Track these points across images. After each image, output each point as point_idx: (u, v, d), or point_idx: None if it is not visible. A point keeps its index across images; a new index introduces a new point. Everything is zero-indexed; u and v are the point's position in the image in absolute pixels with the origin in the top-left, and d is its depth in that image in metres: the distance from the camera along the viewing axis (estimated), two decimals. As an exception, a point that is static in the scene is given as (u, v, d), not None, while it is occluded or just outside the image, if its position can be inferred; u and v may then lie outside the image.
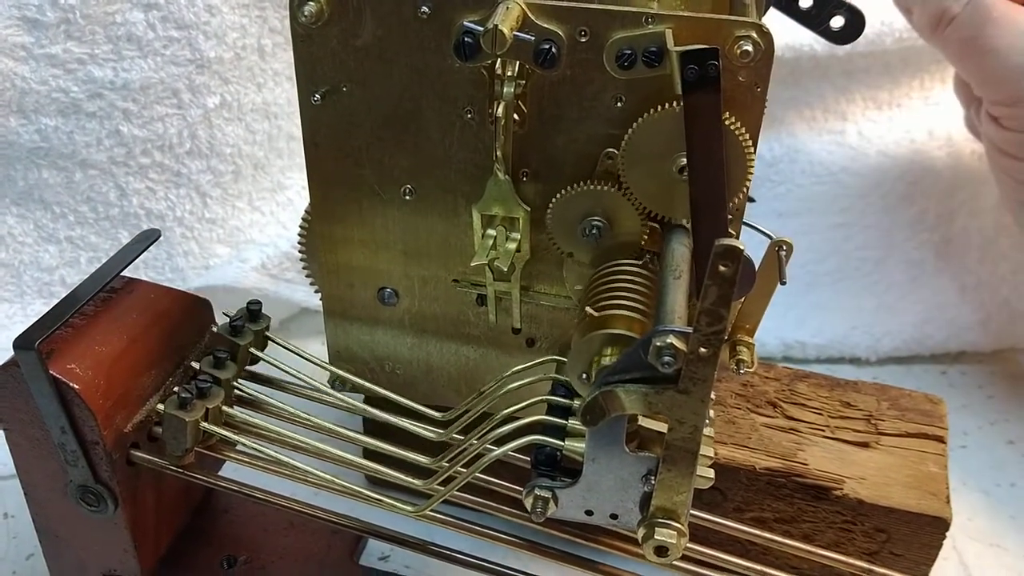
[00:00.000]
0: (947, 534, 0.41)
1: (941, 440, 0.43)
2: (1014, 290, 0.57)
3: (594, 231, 0.35)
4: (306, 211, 0.40)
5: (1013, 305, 0.57)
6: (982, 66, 0.46)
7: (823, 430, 0.44)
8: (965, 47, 0.46)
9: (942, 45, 0.48)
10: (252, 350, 0.39)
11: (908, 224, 0.60)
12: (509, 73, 0.34)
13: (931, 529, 0.40)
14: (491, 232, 0.37)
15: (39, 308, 0.57)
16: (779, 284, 0.35)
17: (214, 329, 0.39)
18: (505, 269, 0.37)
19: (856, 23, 0.40)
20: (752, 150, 0.33)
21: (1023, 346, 0.58)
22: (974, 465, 0.51)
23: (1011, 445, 0.53)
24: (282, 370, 0.39)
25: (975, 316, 0.57)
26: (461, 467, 0.35)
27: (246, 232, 0.59)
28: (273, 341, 0.40)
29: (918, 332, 0.57)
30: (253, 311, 0.39)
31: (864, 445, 0.43)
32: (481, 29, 0.31)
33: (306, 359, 0.40)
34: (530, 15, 0.32)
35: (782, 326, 0.58)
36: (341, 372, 0.41)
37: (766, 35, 0.31)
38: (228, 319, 0.39)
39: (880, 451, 0.43)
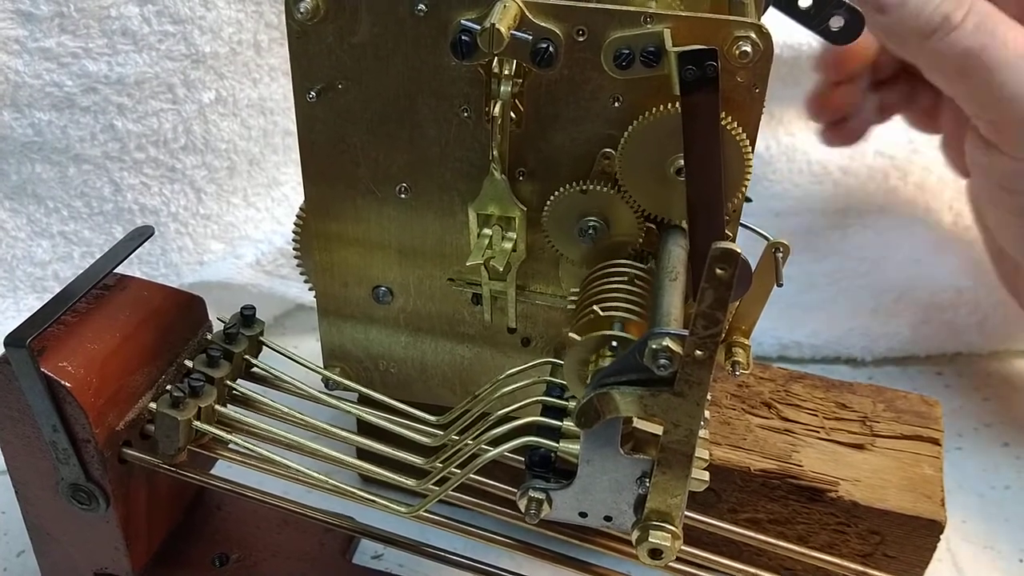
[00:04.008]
0: (941, 536, 0.41)
1: (936, 442, 0.43)
2: (1010, 291, 0.57)
3: (590, 231, 0.35)
4: (301, 209, 0.40)
5: (1009, 307, 0.57)
6: (987, 82, 0.43)
7: (818, 431, 0.43)
8: (967, 60, 0.43)
9: (935, 56, 0.44)
10: (247, 357, 0.38)
11: (905, 224, 0.60)
12: (506, 72, 0.33)
13: (925, 532, 0.40)
14: (487, 231, 0.36)
15: (32, 303, 0.56)
16: (775, 286, 0.35)
17: (208, 337, 0.39)
18: (501, 269, 0.37)
19: (855, 23, 0.40)
20: (750, 151, 0.32)
21: (1019, 348, 0.58)
22: (969, 467, 0.51)
23: (1006, 447, 0.53)
24: (277, 376, 0.39)
25: (972, 318, 0.57)
26: (455, 468, 0.34)
27: (241, 228, 0.59)
28: (267, 346, 0.40)
29: (914, 333, 0.57)
30: (247, 316, 0.39)
31: (859, 447, 0.43)
32: (478, 27, 0.31)
33: (301, 363, 0.39)
34: (528, 14, 0.32)
35: (778, 326, 0.57)
36: (335, 376, 0.41)
37: (765, 36, 0.31)
38: (223, 325, 0.38)
39: (875, 453, 0.43)
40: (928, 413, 0.45)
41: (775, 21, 0.39)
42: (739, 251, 0.25)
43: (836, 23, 0.40)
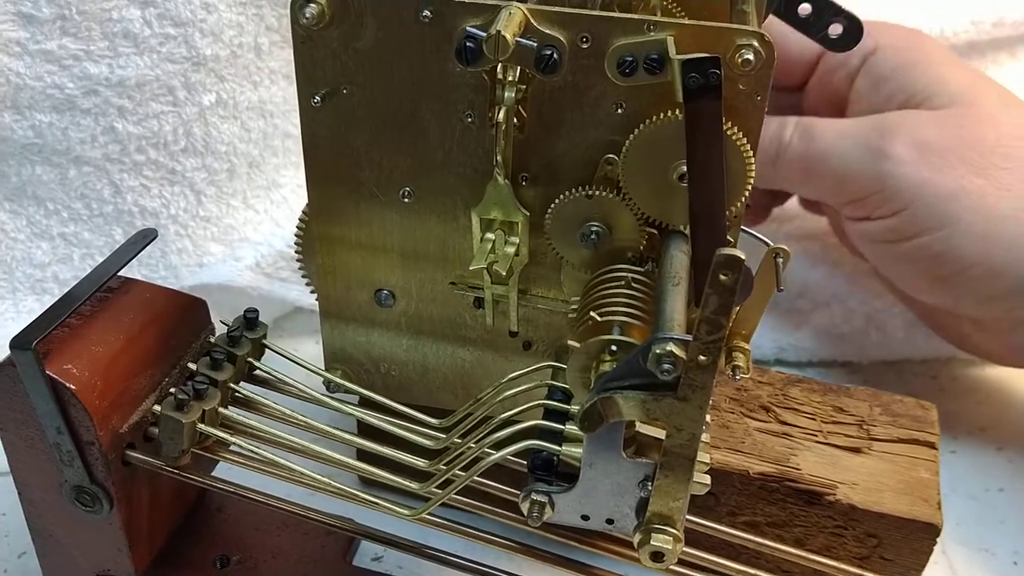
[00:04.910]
0: (937, 539, 0.41)
1: (932, 446, 0.44)
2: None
3: (593, 236, 0.35)
4: (303, 212, 0.40)
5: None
6: (827, 170, 0.48)
7: (816, 435, 0.44)
8: (806, 163, 0.48)
9: (784, 171, 0.50)
10: (250, 359, 0.39)
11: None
12: (510, 78, 0.34)
13: (922, 535, 0.41)
14: (490, 236, 0.37)
15: (31, 305, 0.56)
16: (776, 291, 0.35)
17: (211, 340, 0.39)
18: (503, 273, 0.37)
19: (854, 30, 0.40)
20: (752, 158, 0.33)
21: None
22: (963, 470, 0.52)
23: (1000, 451, 0.53)
24: (279, 379, 0.39)
25: (966, 321, 0.57)
26: (458, 471, 0.35)
27: (240, 230, 0.59)
28: (270, 348, 0.40)
29: (910, 336, 0.58)
30: (250, 319, 0.39)
31: (856, 450, 0.43)
32: (483, 34, 0.31)
33: (303, 366, 0.40)
34: (532, 21, 0.32)
35: (776, 329, 0.58)
36: (337, 379, 0.41)
37: (767, 44, 0.31)
38: (226, 329, 0.39)
39: (872, 456, 0.43)
40: (924, 417, 0.45)
41: (776, 28, 0.39)
42: (743, 257, 0.26)
43: (835, 30, 0.40)
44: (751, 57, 0.31)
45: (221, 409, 0.37)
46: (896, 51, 0.51)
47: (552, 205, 0.35)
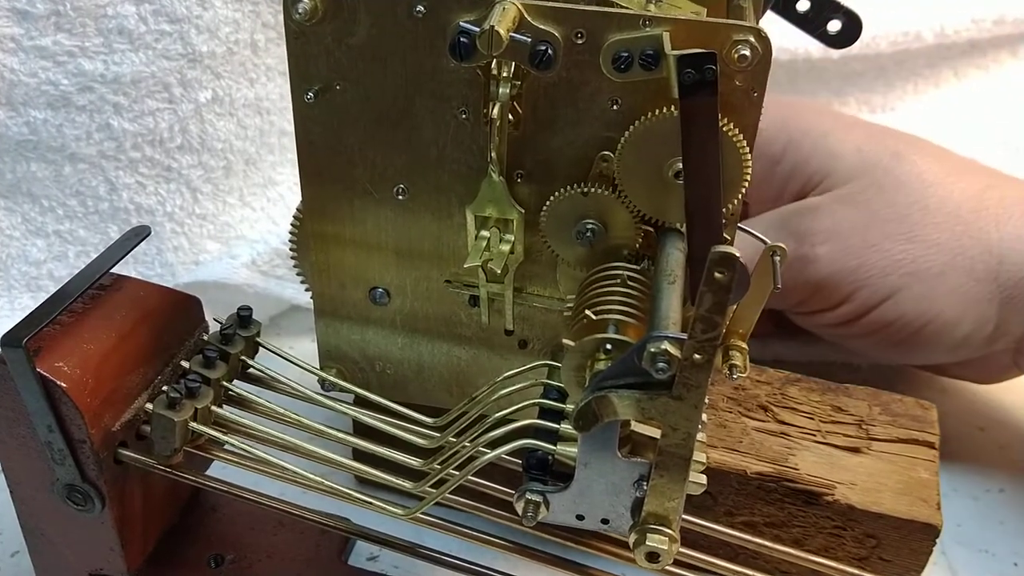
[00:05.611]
0: (936, 540, 0.41)
1: (932, 446, 0.43)
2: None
3: (588, 234, 0.35)
4: (298, 209, 0.40)
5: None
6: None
7: (814, 435, 0.43)
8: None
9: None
10: (243, 358, 0.38)
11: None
12: (505, 74, 0.33)
13: (921, 535, 0.40)
14: (485, 233, 0.36)
15: (26, 302, 0.56)
16: (773, 289, 0.35)
17: (204, 338, 0.39)
18: (498, 271, 0.37)
19: (853, 27, 0.40)
20: (748, 155, 0.32)
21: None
22: (964, 471, 0.51)
23: (1001, 450, 0.53)
24: (273, 377, 0.39)
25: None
26: (453, 470, 0.34)
27: (236, 228, 0.59)
28: (264, 347, 0.40)
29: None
30: (243, 317, 0.39)
31: (855, 450, 0.43)
32: (477, 30, 0.31)
33: (297, 364, 0.39)
34: (527, 16, 0.32)
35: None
36: (332, 378, 0.41)
37: (764, 39, 0.31)
38: (219, 326, 0.38)
39: (871, 456, 0.43)
40: (924, 416, 0.45)
41: (773, 25, 0.39)
42: (737, 255, 0.25)
43: (834, 27, 0.40)
44: (747, 53, 0.31)
45: (214, 408, 0.36)
46: (781, 129, 0.50)
47: (547, 202, 0.35)
